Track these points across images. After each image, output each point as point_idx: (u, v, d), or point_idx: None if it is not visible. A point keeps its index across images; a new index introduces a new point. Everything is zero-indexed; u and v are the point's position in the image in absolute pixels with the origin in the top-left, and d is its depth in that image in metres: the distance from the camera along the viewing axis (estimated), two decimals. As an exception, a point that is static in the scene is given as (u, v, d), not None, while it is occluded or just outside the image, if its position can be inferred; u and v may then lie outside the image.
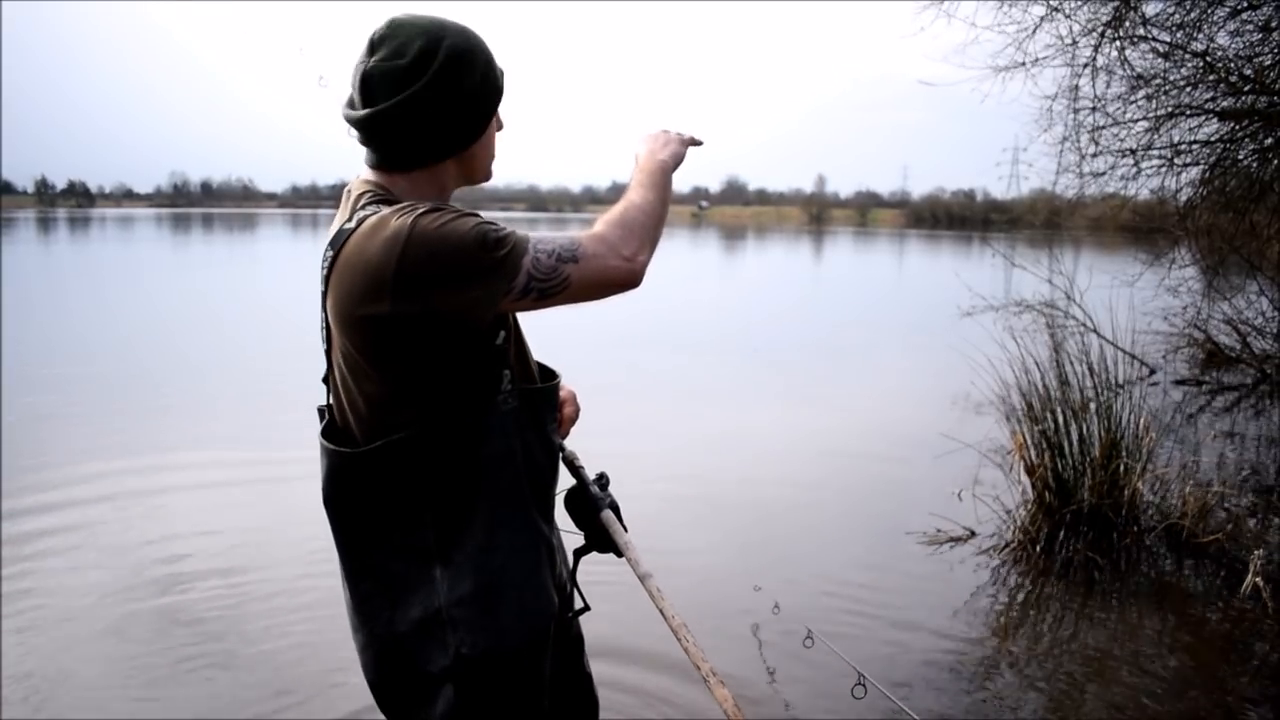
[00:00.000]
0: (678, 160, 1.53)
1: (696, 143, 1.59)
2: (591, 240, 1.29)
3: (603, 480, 1.60)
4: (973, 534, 4.34)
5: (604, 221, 1.33)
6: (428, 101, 1.29)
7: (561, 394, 1.63)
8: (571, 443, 1.67)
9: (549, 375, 1.52)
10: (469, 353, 1.30)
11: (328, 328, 1.35)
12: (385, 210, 1.25)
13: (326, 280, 1.29)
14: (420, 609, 1.31)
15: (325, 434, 1.37)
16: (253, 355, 9.73)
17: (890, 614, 3.56)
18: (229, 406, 7.23)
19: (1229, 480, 5.14)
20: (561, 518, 1.57)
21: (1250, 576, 3.64)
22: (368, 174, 1.38)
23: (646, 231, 1.33)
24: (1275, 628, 3.41)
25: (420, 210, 1.23)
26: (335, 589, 1.42)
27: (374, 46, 1.31)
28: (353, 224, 1.27)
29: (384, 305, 1.21)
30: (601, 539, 1.54)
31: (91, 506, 4.69)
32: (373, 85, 1.29)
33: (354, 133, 1.36)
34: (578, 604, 1.59)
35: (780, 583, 3.59)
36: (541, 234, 1.28)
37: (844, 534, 4.59)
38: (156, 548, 4.13)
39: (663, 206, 1.40)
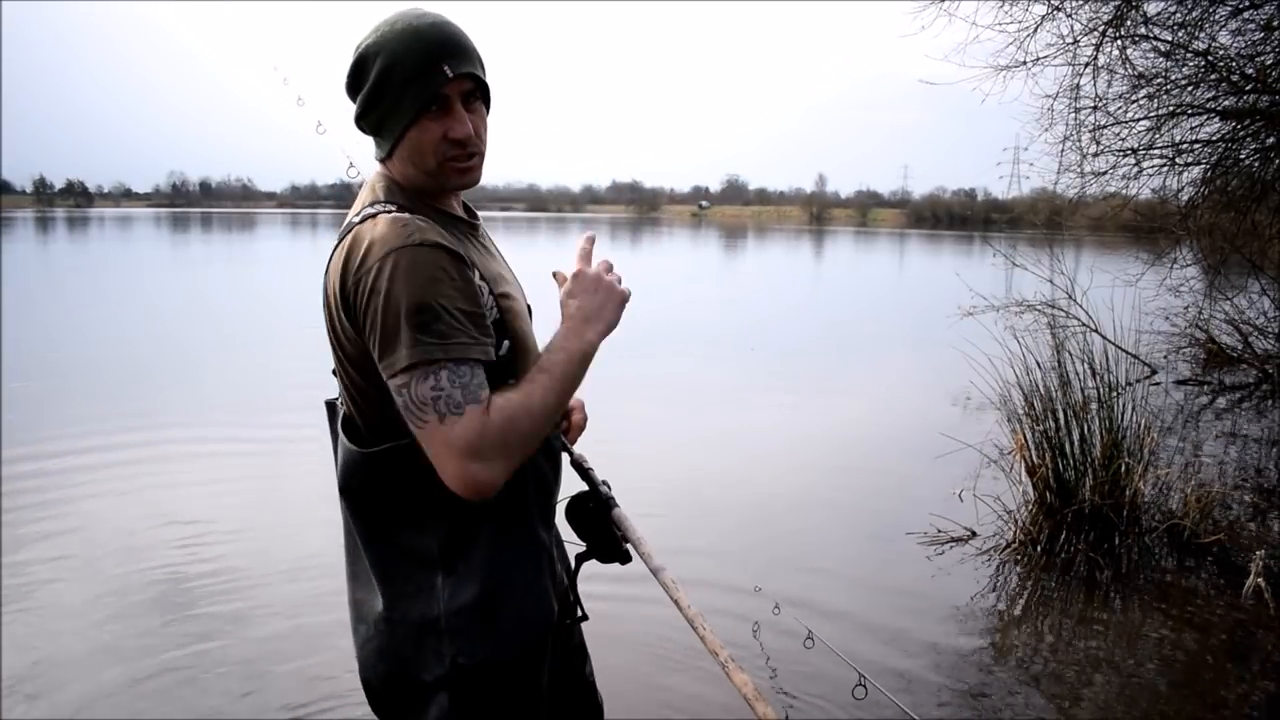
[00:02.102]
0: (608, 331, 1.37)
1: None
2: (469, 428, 1.18)
3: (606, 486, 1.60)
4: (973, 534, 4.33)
5: (503, 413, 1.21)
6: (360, 99, 1.33)
7: (570, 402, 1.62)
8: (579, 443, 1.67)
9: None
10: None
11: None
12: (380, 222, 1.24)
13: (326, 273, 1.31)
14: (419, 614, 1.31)
15: (344, 427, 1.37)
16: (252, 352, 9.72)
17: (891, 614, 3.55)
18: (227, 402, 7.22)
19: (1230, 481, 5.13)
20: (561, 526, 1.56)
21: (1252, 577, 3.63)
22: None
23: (522, 445, 1.24)
24: (1277, 628, 3.40)
25: (404, 243, 1.20)
26: (335, 586, 1.42)
27: None
28: (358, 219, 1.29)
29: (341, 313, 1.25)
30: (603, 548, 1.53)
31: (89, 502, 4.68)
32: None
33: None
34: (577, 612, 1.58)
35: (781, 583, 3.59)
36: (457, 379, 1.19)
37: (844, 534, 4.58)
38: (155, 544, 4.11)
39: (559, 406, 1.28)
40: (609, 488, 1.59)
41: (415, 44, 1.28)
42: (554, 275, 1.52)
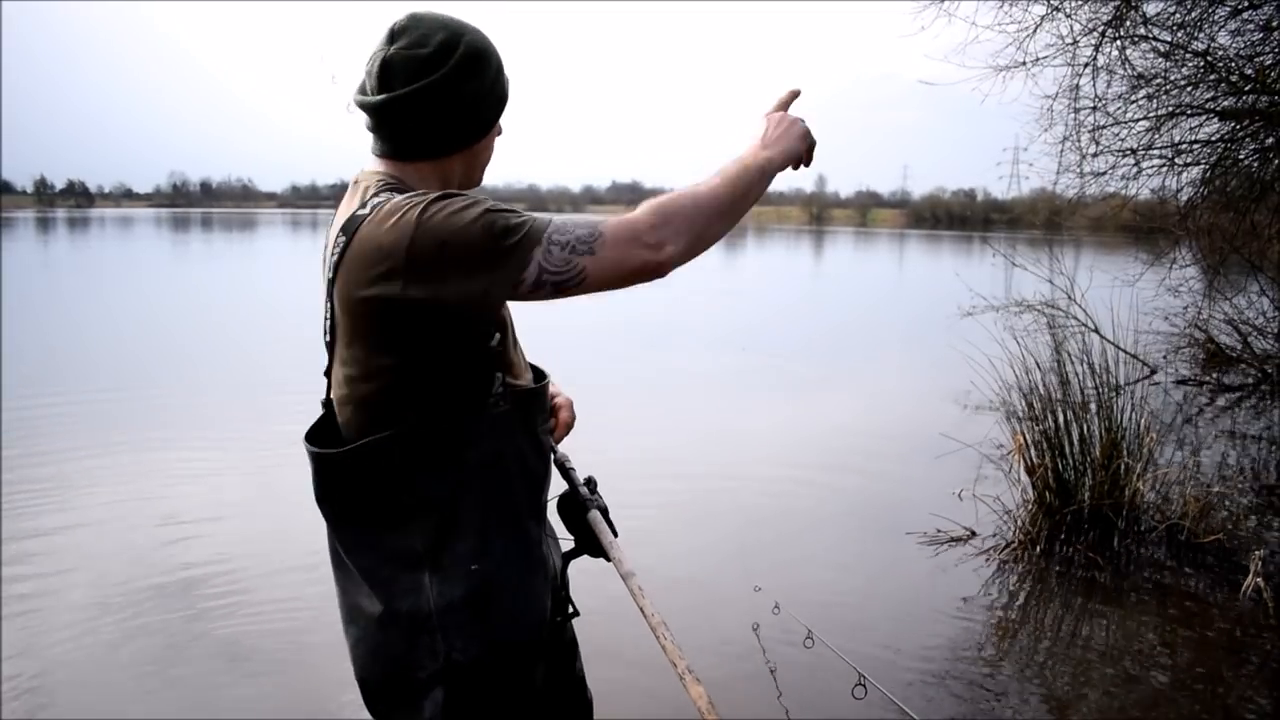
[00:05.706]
0: (788, 160, 1.40)
1: (809, 152, 1.44)
2: (615, 228, 1.21)
3: (591, 484, 1.59)
4: (973, 534, 4.34)
5: (646, 204, 1.25)
6: (444, 92, 1.29)
7: (558, 400, 1.62)
8: (567, 443, 1.66)
9: (540, 376, 1.50)
10: (463, 353, 1.28)
11: (332, 319, 1.31)
12: (398, 197, 1.23)
13: (336, 266, 1.26)
14: (409, 614, 1.30)
15: (310, 434, 1.36)
16: (250, 352, 9.72)
17: (891, 614, 3.56)
18: (226, 401, 7.22)
19: (1230, 480, 5.14)
20: (556, 523, 1.56)
21: (1251, 577, 3.63)
22: (375, 164, 1.37)
23: (688, 221, 1.24)
24: (1276, 628, 3.41)
25: (431, 197, 1.20)
26: (333, 586, 1.42)
27: (394, 35, 1.30)
28: (366, 210, 1.25)
29: (395, 287, 1.18)
30: (591, 544, 1.53)
31: (88, 502, 4.69)
32: (392, 71, 1.29)
33: (365, 120, 1.34)
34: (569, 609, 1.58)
35: (780, 583, 3.58)
36: (564, 220, 1.22)
37: (844, 534, 4.58)
38: (154, 545, 4.12)
39: (731, 201, 1.30)
40: (592, 487, 1.58)
41: (498, 51, 1.33)
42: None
